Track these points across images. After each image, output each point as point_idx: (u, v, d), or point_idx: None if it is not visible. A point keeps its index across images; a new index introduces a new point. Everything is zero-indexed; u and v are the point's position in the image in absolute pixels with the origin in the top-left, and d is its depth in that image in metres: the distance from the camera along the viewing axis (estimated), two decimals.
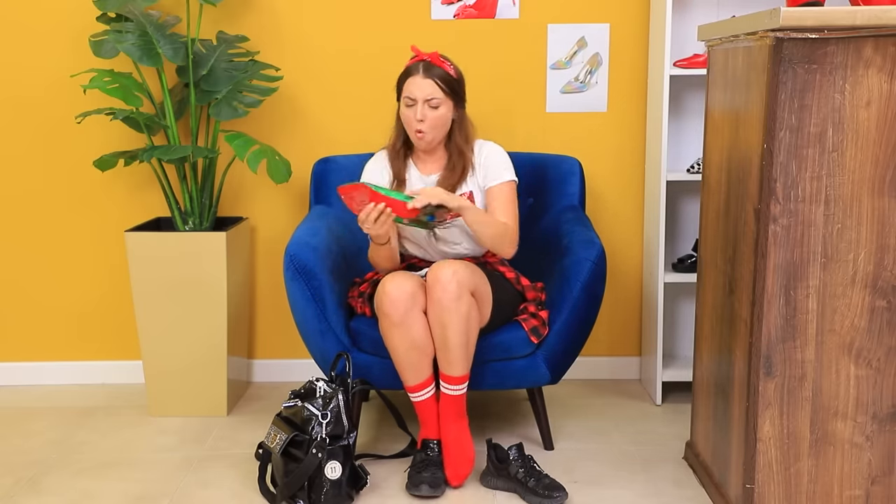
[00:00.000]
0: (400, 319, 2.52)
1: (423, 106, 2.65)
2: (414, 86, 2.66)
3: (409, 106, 2.68)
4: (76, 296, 3.48)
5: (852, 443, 2.19)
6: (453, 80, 2.70)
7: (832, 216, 2.10)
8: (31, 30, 3.32)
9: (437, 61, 2.68)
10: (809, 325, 2.14)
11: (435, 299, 2.51)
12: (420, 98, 2.65)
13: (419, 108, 2.65)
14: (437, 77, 2.66)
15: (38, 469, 2.76)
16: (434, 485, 2.52)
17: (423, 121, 2.66)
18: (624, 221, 3.45)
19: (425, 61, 2.68)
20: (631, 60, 3.35)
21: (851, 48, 2.03)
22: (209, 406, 3.16)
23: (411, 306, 2.53)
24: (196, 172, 3.17)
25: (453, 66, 2.73)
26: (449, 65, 2.71)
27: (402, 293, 2.52)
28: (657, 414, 3.18)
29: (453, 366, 2.55)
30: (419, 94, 2.65)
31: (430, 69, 2.66)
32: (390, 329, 2.54)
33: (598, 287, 2.74)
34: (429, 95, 2.65)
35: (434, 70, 2.66)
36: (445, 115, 2.69)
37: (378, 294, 2.57)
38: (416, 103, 2.66)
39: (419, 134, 2.68)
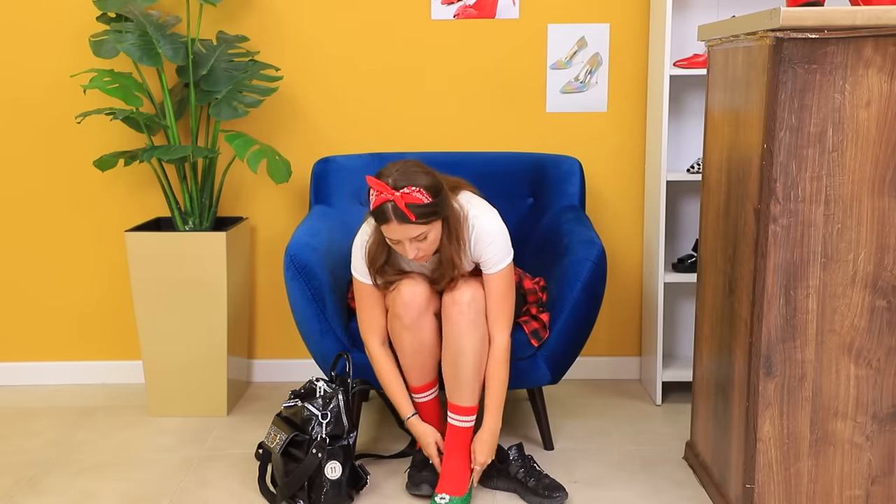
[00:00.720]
0: (412, 322, 2.51)
1: (411, 244, 2.40)
2: (393, 232, 2.38)
3: (396, 243, 2.43)
4: (76, 296, 3.48)
5: (852, 443, 2.19)
6: (429, 206, 2.36)
7: (832, 216, 2.10)
8: (31, 30, 3.32)
9: (402, 203, 2.32)
10: (809, 325, 2.14)
11: (452, 320, 2.47)
12: (405, 240, 2.39)
13: (407, 246, 2.40)
14: (413, 220, 2.34)
15: (38, 469, 2.76)
16: (434, 484, 2.52)
17: (418, 252, 2.42)
18: (624, 221, 3.45)
19: (391, 204, 2.33)
20: (631, 60, 3.35)
21: (851, 48, 2.03)
22: (209, 406, 3.16)
23: (424, 309, 2.52)
24: (196, 172, 3.17)
25: (422, 186, 2.35)
26: (416, 191, 2.34)
27: (417, 296, 2.51)
28: (657, 414, 3.18)
29: (464, 394, 2.51)
30: (402, 236, 2.38)
31: (401, 215, 2.33)
32: (401, 331, 2.54)
33: (598, 287, 2.74)
34: (413, 234, 2.38)
35: (406, 216, 2.33)
36: (436, 237, 2.44)
37: (391, 297, 2.55)
38: (402, 243, 2.41)
39: (418, 260, 2.47)
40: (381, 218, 2.38)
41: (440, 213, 2.41)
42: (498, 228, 2.53)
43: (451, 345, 2.51)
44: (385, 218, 2.36)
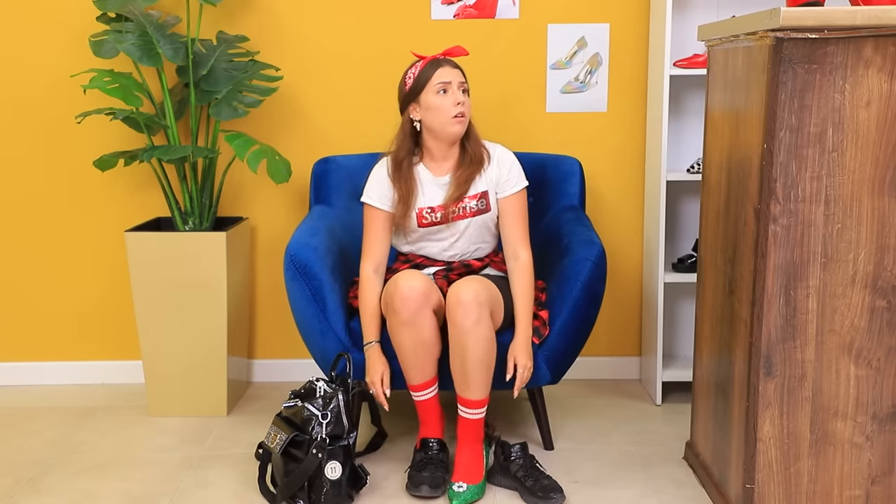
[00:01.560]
0: (410, 318, 2.52)
1: (458, 90, 2.66)
2: (446, 73, 2.66)
3: (443, 92, 2.64)
4: (76, 296, 3.48)
5: (852, 443, 2.19)
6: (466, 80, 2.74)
7: (832, 216, 2.10)
8: (31, 30, 3.32)
9: (455, 54, 2.73)
10: (809, 325, 2.14)
11: (456, 323, 2.49)
12: (455, 82, 2.66)
13: (456, 91, 2.65)
14: (461, 69, 2.71)
15: (38, 469, 2.76)
16: (434, 485, 2.52)
17: (463, 102, 2.66)
18: (624, 221, 3.45)
19: (445, 58, 2.71)
20: (631, 60, 3.35)
21: (851, 48, 2.03)
22: (209, 406, 3.16)
23: (422, 305, 2.53)
24: (196, 172, 3.17)
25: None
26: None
27: (414, 292, 2.52)
28: (657, 414, 3.18)
29: (472, 389, 2.55)
30: (454, 78, 2.66)
31: (454, 63, 2.70)
32: (399, 327, 2.54)
33: (598, 287, 2.74)
34: (462, 79, 2.68)
35: (456, 64, 2.71)
36: (470, 105, 2.72)
37: (389, 292, 2.56)
38: (450, 87, 2.65)
39: (460, 118, 2.65)
40: (435, 65, 2.67)
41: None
42: (512, 154, 2.80)
43: (457, 346, 2.52)
44: (439, 63, 2.67)
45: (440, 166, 2.75)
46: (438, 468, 2.57)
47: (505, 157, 2.77)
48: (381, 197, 2.72)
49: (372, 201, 2.73)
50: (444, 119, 2.64)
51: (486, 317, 2.51)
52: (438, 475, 2.55)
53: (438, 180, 2.74)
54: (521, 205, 2.75)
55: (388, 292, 2.57)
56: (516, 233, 2.71)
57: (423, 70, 2.67)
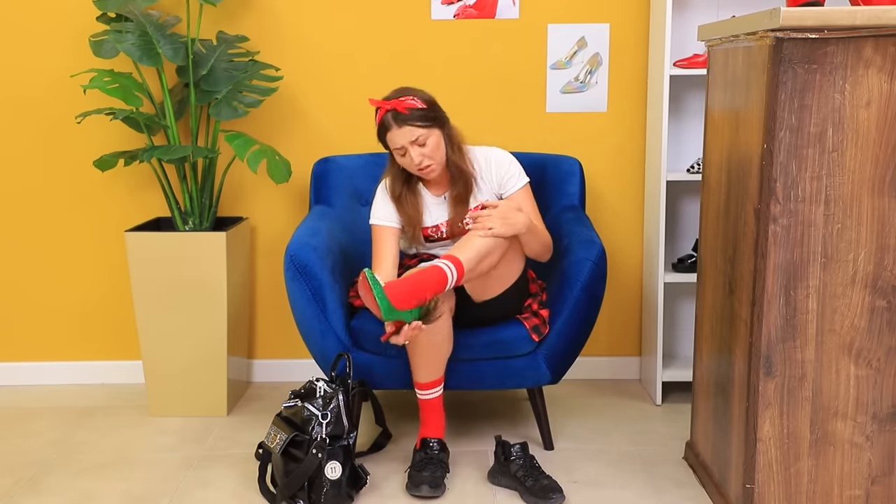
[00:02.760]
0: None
1: (413, 149, 2.63)
2: (395, 137, 2.62)
3: (403, 155, 2.66)
4: (76, 296, 3.48)
5: (852, 443, 2.19)
6: (426, 111, 2.64)
7: (832, 216, 2.10)
8: (31, 30, 3.32)
9: (401, 106, 2.61)
10: (809, 325, 2.14)
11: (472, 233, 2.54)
12: (406, 145, 2.63)
13: (411, 152, 2.63)
14: (410, 121, 2.61)
15: (38, 469, 2.76)
16: (434, 485, 2.52)
17: (422, 160, 2.64)
18: (624, 221, 3.45)
19: (391, 111, 2.62)
20: (631, 60, 3.35)
21: (851, 48, 2.03)
22: (209, 406, 3.16)
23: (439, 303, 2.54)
24: (196, 172, 3.17)
25: (418, 96, 2.65)
26: (412, 99, 2.63)
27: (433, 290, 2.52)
28: (657, 414, 3.18)
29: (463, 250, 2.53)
30: (404, 141, 2.62)
31: (399, 117, 2.61)
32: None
33: (598, 287, 2.74)
34: (413, 137, 2.62)
35: (404, 117, 2.61)
36: (437, 142, 2.66)
37: None
38: (406, 150, 2.64)
39: (426, 171, 2.67)
40: (384, 129, 2.64)
41: (438, 119, 2.68)
42: (508, 154, 2.81)
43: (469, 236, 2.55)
44: (387, 126, 2.63)
45: (437, 186, 2.80)
46: (438, 468, 2.57)
47: (502, 159, 2.78)
48: (387, 216, 2.75)
49: (379, 221, 2.75)
50: (415, 173, 2.71)
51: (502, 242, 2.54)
52: (438, 475, 2.55)
53: (438, 199, 2.79)
54: (529, 199, 2.78)
55: None
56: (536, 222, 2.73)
57: (379, 130, 2.66)
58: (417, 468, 2.57)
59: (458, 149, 2.75)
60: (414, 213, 2.75)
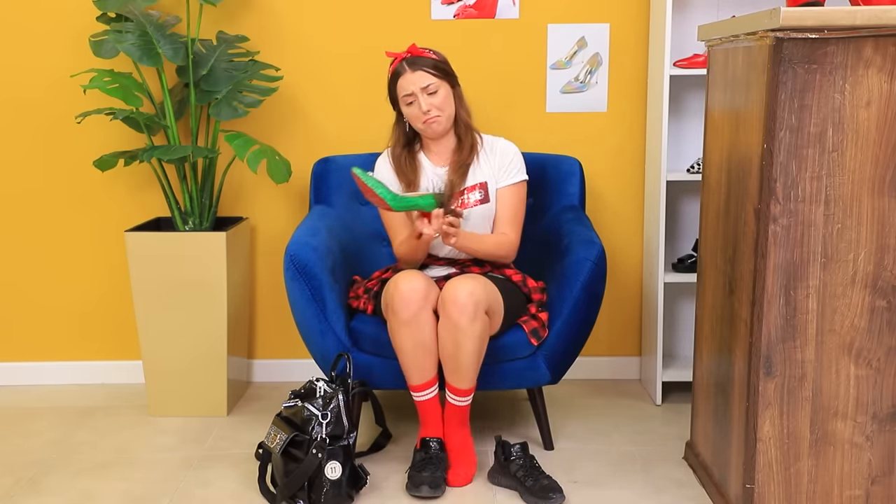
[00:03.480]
0: (410, 318, 2.52)
1: (423, 97, 2.67)
2: (407, 82, 2.69)
3: (411, 103, 2.70)
4: (76, 296, 3.48)
5: (852, 443, 2.19)
6: (439, 62, 2.73)
7: (832, 216, 2.10)
8: (31, 30, 3.32)
9: (416, 52, 2.70)
10: (809, 325, 2.14)
11: (451, 319, 2.50)
12: (418, 90, 2.67)
13: (421, 100, 2.68)
14: (424, 66, 2.68)
15: (38, 469, 2.76)
16: (434, 485, 2.51)
17: (430, 109, 2.68)
18: (624, 221, 3.45)
19: (406, 58, 2.70)
20: (631, 60, 3.35)
21: (851, 48, 2.03)
22: (209, 406, 3.16)
23: (423, 306, 2.53)
24: (196, 172, 3.17)
25: (432, 51, 2.75)
26: (428, 51, 2.73)
27: (415, 293, 2.52)
28: (657, 414, 3.18)
29: (463, 380, 2.57)
30: (415, 87, 2.67)
31: (414, 62, 2.68)
32: (399, 328, 2.54)
33: (598, 287, 2.74)
34: (425, 83, 2.67)
35: (418, 61, 2.69)
36: (447, 97, 2.72)
37: (389, 292, 2.57)
38: (415, 97, 2.68)
39: (432, 120, 2.70)
40: (396, 76, 2.69)
41: (450, 75, 2.74)
42: (515, 147, 2.85)
43: (450, 339, 2.52)
44: (399, 73, 2.68)
45: (439, 155, 2.81)
46: (438, 468, 2.57)
47: (508, 149, 2.83)
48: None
49: None
50: (418, 124, 2.73)
51: (482, 315, 2.51)
52: (438, 475, 2.54)
53: (438, 170, 2.80)
54: (518, 197, 2.79)
55: (388, 293, 2.57)
56: (507, 217, 2.76)
57: (391, 79, 2.73)
58: (417, 468, 2.57)
59: (468, 111, 2.78)
60: (413, 176, 2.77)
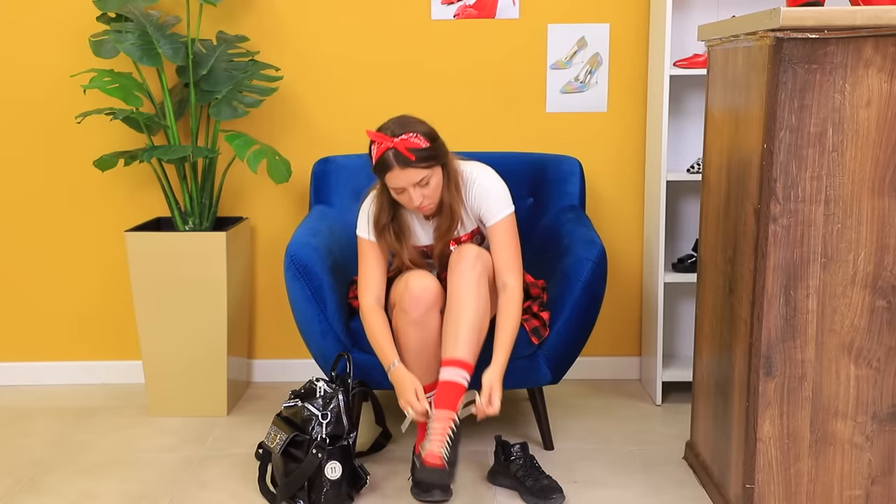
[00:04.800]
0: (419, 318, 2.52)
1: (415, 190, 2.49)
2: (396, 179, 2.47)
3: (402, 193, 2.52)
4: (76, 296, 3.48)
5: (852, 443, 2.19)
6: (429, 150, 2.48)
7: (832, 216, 2.10)
8: (31, 30, 3.32)
9: (403, 147, 2.44)
10: (809, 325, 2.14)
11: (458, 273, 2.49)
12: (408, 186, 2.49)
13: (412, 193, 2.49)
14: (413, 164, 2.45)
15: (38, 469, 2.76)
16: (444, 489, 2.50)
17: (422, 200, 2.51)
18: (624, 221, 3.45)
19: (394, 151, 2.44)
20: (631, 60, 3.35)
21: (851, 48, 2.03)
22: (209, 406, 3.16)
23: (432, 306, 2.53)
24: (196, 172, 3.17)
25: (419, 132, 2.48)
26: (415, 137, 2.46)
27: (426, 292, 2.52)
28: (657, 414, 3.18)
29: (460, 345, 2.47)
30: (405, 183, 2.48)
31: (402, 159, 2.44)
32: (407, 326, 2.54)
33: (598, 287, 2.74)
34: (417, 179, 2.47)
35: (405, 158, 2.44)
36: (438, 182, 2.54)
37: (399, 290, 2.56)
38: (406, 191, 2.50)
39: (423, 207, 2.55)
40: (384, 167, 2.47)
41: (440, 157, 2.53)
42: (495, 181, 2.64)
43: (455, 297, 2.51)
44: (388, 166, 2.46)
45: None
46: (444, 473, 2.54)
47: (488, 189, 2.61)
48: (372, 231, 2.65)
49: (365, 234, 2.65)
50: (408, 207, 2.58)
51: (485, 283, 2.51)
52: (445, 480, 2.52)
53: (426, 225, 2.70)
54: (508, 231, 2.62)
55: (398, 291, 2.57)
56: (503, 260, 2.59)
57: (377, 165, 2.49)
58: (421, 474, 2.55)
59: (456, 186, 2.60)
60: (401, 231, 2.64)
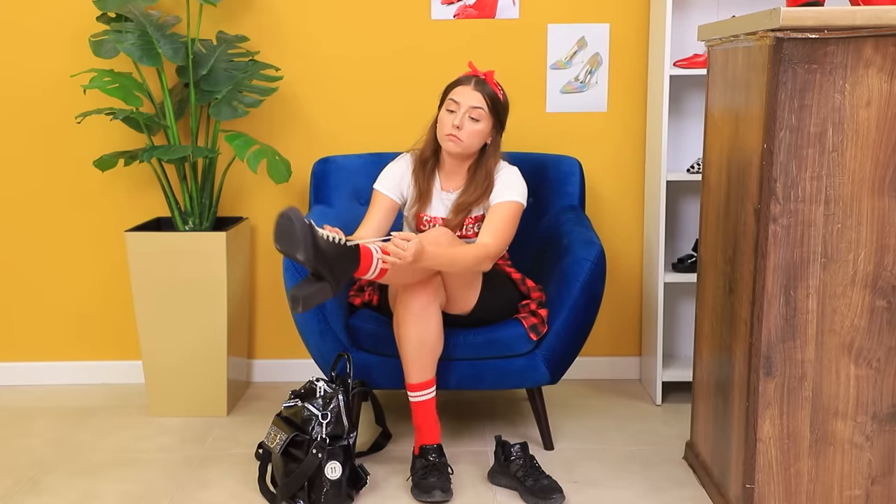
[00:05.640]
0: (420, 310, 2.53)
1: (464, 114, 2.65)
2: (462, 93, 2.67)
3: (451, 111, 2.67)
4: (76, 296, 3.48)
5: (852, 443, 2.19)
6: (500, 102, 2.71)
7: (832, 216, 2.10)
8: (31, 30, 3.32)
9: (490, 80, 2.70)
10: (809, 325, 2.14)
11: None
12: (464, 105, 2.66)
13: (460, 114, 2.65)
14: (486, 93, 2.67)
15: (38, 469, 2.76)
16: (444, 489, 2.50)
17: (461, 129, 2.65)
18: (624, 221, 3.45)
19: (479, 77, 2.70)
20: (631, 60, 3.35)
21: (851, 48, 2.03)
22: (209, 406, 3.16)
23: (432, 300, 2.54)
24: (196, 172, 3.17)
25: (503, 91, 2.74)
26: (500, 88, 2.72)
27: (427, 285, 2.53)
28: (657, 414, 3.18)
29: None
30: (464, 101, 2.66)
31: (482, 84, 2.68)
32: (407, 318, 2.54)
33: (597, 287, 2.74)
34: (474, 104, 2.66)
35: (486, 87, 2.68)
36: (483, 131, 2.69)
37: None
38: (458, 109, 2.66)
39: (453, 137, 2.66)
40: (462, 80, 2.69)
41: (500, 119, 2.72)
42: (519, 176, 2.76)
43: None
44: (466, 81, 2.68)
45: (449, 181, 2.79)
46: (443, 473, 2.55)
47: (507, 176, 2.75)
48: (392, 188, 2.78)
49: (383, 189, 2.78)
50: (441, 132, 2.71)
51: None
52: (445, 480, 2.53)
53: (444, 195, 2.78)
54: (508, 211, 2.66)
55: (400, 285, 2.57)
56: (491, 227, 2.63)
57: (453, 82, 2.72)
58: (422, 475, 2.55)
59: (496, 158, 2.75)
60: (425, 189, 2.77)
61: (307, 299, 2.31)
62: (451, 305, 2.66)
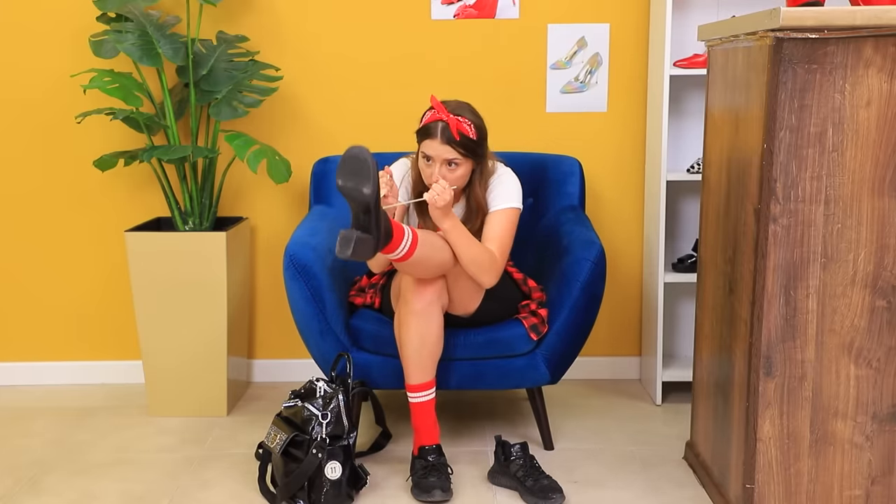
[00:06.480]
0: (422, 310, 2.53)
1: (441, 166, 2.57)
2: (432, 148, 2.56)
3: (429, 163, 2.59)
4: (76, 296, 3.48)
5: (852, 443, 2.20)
6: (472, 141, 2.57)
7: (832, 216, 2.10)
8: (31, 30, 3.32)
9: (455, 127, 2.53)
10: (809, 325, 2.14)
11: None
12: (438, 159, 2.57)
13: (437, 168, 2.57)
14: (456, 144, 2.54)
15: (38, 469, 2.76)
16: (444, 489, 2.50)
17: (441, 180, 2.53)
18: (624, 221, 3.45)
19: (443, 124, 2.54)
20: (631, 60, 3.35)
21: (851, 48, 2.03)
22: (209, 406, 3.16)
23: (434, 300, 2.55)
24: (196, 172, 3.17)
25: (474, 123, 2.58)
26: (468, 125, 2.56)
27: (430, 284, 2.53)
28: (657, 414, 3.18)
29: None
30: (437, 155, 2.56)
31: (447, 136, 2.53)
32: (409, 317, 2.54)
33: (597, 287, 2.74)
34: (447, 157, 2.56)
35: (452, 137, 2.53)
36: (464, 173, 2.61)
37: (404, 282, 2.57)
38: (434, 163, 2.58)
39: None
40: (427, 133, 2.57)
41: (478, 154, 2.62)
42: (514, 179, 2.71)
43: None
44: (431, 134, 2.56)
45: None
46: (443, 473, 2.55)
47: (501, 181, 2.69)
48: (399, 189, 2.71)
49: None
50: (424, 179, 2.65)
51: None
52: (444, 479, 2.53)
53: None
54: (506, 220, 2.64)
55: (405, 282, 2.57)
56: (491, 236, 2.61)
57: (421, 130, 2.59)
58: (422, 475, 2.55)
59: (486, 185, 2.67)
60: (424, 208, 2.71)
61: (357, 245, 2.27)
62: (455, 307, 2.66)
